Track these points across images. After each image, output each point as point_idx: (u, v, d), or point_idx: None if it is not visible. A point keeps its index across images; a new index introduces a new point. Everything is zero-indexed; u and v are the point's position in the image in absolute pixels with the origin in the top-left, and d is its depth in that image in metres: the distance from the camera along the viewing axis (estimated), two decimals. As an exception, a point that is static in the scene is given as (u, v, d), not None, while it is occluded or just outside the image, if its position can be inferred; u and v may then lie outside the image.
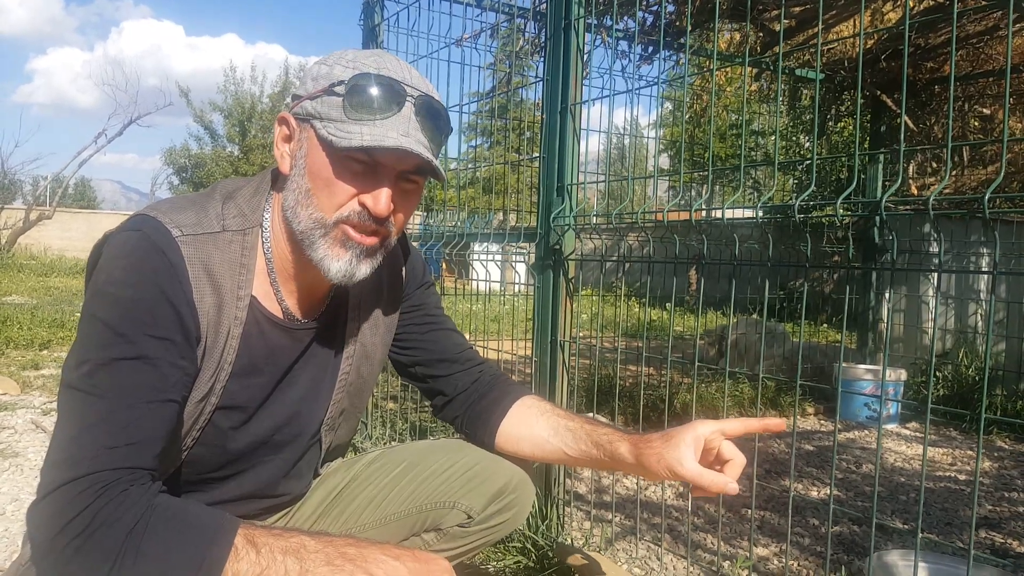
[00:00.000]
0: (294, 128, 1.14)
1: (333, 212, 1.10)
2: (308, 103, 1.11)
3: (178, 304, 1.04)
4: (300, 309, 1.24)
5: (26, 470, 3.02)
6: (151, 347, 1.00)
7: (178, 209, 1.11)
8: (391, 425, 3.40)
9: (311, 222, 1.11)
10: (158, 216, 1.08)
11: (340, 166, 1.08)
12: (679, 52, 4.17)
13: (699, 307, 2.11)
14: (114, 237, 1.07)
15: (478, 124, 5.89)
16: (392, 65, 1.12)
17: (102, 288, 1.02)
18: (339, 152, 1.07)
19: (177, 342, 1.03)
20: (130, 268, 1.02)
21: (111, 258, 1.04)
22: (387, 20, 3.17)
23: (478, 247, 2.86)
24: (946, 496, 3.19)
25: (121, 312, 1.00)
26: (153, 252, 1.04)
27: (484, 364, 1.49)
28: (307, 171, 1.11)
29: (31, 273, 13.67)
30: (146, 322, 1.01)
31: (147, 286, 1.02)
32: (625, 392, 4.64)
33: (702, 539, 2.57)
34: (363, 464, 1.46)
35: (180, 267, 1.05)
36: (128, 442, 0.95)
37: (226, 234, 1.13)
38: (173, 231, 1.07)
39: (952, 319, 5.35)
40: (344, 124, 1.07)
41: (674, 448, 1.19)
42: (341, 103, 1.07)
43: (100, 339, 0.99)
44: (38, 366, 5.10)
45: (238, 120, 26.49)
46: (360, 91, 1.07)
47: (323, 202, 1.10)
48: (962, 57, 4.66)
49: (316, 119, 1.09)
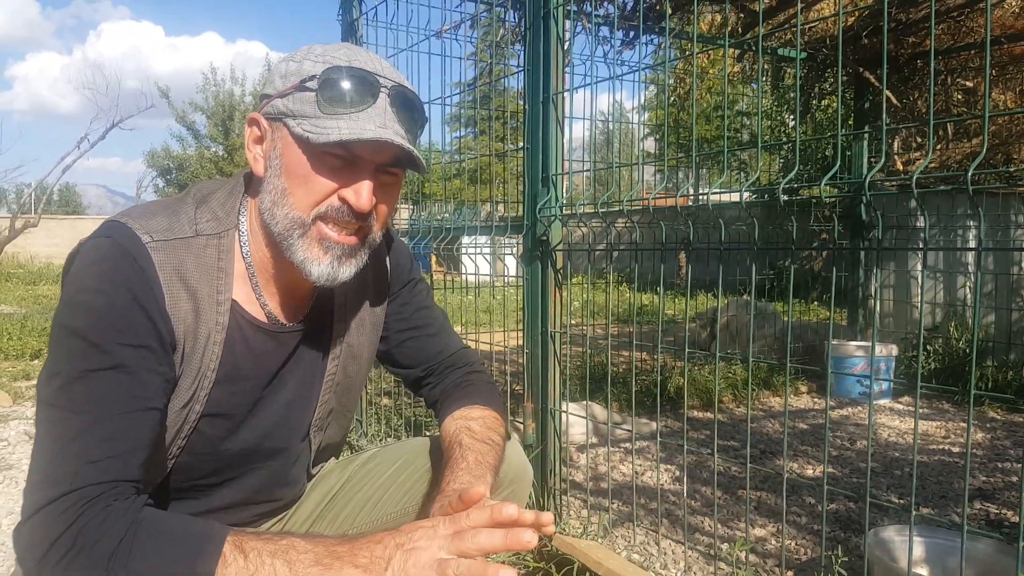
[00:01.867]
0: (265, 128, 1.12)
1: (311, 210, 1.08)
2: (279, 101, 1.08)
3: (151, 311, 1.02)
4: (284, 312, 1.22)
5: (21, 482, 3.01)
6: (127, 355, 0.99)
7: (149, 215, 1.09)
8: (386, 421, 3.39)
9: (288, 222, 1.08)
10: (128, 222, 1.06)
11: (317, 162, 1.06)
12: (660, 36, 4.16)
13: (688, 291, 2.11)
14: (84, 245, 1.05)
15: (462, 115, 5.86)
16: (363, 57, 1.10)
17: (73, 297, 1.00)
18: (316, 148, 1.05)
19: (153, 348, 1.02)
20: (101, 275, 1.01)
21: (81, 266, 1.03)
22: (365, 14, 3.14)
23: (467, 240, 2.85)
24: (940, 469, 3.22)
25: (93, 321, 0.98)
26: (123, 259, 1.02)
27: (459, 370, 1.46)
28: (283, 170, 1.08)
29: (19, 282, 13.58)
30: (120, 330, 0.99)
31: (119, 293, 1.00)
32: (618, 378, 4.65)
33: (699, 522, 2.58)
34: (358, 464, 1.45)
35: (151, 273, 1.04)
36: (109, 455, 0.94)
37: (200, 239, 1.11)
38: (143, 237, 1.05)
39: (941, 292, 5.38)
40: (319, 120, 1.05)
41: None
42: (314, 98, 1.05)
43: (73, 350, 0.97)
44: (29, 376, 5.07)
45: (220, 120, 26.31)
46: (333, 85, 1.05)
47: (300, 200, 1.07)
48: (943, 30, 4.65)
49: (289, 117, 1.07)
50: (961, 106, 5.51)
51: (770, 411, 4.33)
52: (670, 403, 4.23)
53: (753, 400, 4.32)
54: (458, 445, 1.25)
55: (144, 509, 0.95)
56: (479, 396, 1.40)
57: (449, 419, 1.35)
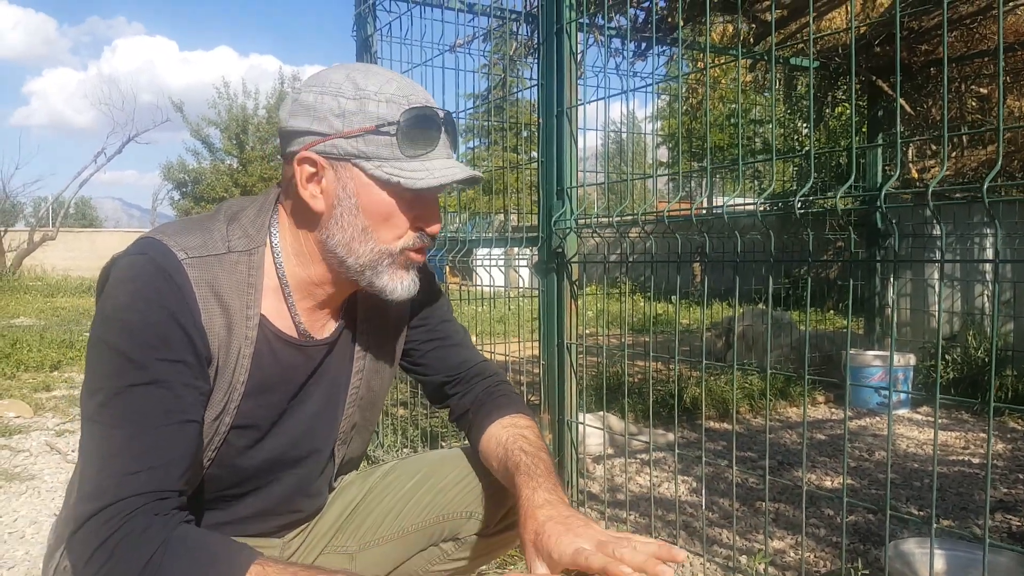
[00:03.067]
0: (323, 166, 1.12)
1: (396, 241, 1.16)
2: (343, 142, 1.10)
3: (187, 326, 1.05)
4: (313, 326, 1.24)
5: (43, 492, 3.04)
6: (163, 370, 1.01)
7: (183, 232, 1.12)
8: (402, 432, 3.40)
9: (376, 255, 1.15)
10: (163, 239, 1.09)
11: (401, 201, 1.13)
12: (672, 47, 4.17)
13: (704, 301, 2.12)
14: (120, 261, 1.08)
15: (475, 126, 5.91)
16: (418, 93, 1.15)
17: (110, 314, 1.03)
18: (409, 192, 1.12)
19: (189, 363, 1.05)
20: (137, 292, 1.03)
21: (117, 282, 1.05)
22: (380, 30, 3.17)
23: (482, 252, 2.86)
24: (960, 480, 3.19)
25: (130, 337, 1.01)
26: (159, 275, 1.05)
27: (488, 379, 1.47)
28: (360, 209, 1.13)
29: (37, 294, 13.72)
30: (156, 346, 1.02)
31: (155, 309, 1.03)
32: (634, 388, 4.64)
33: (718, 534, 2.57)
34: (378, 476, 1.46)
35: (187, 289, 1.06)
36: (150, 466, 0.98)
37: (232, 255, 1.13)
38: (179, 254, 1.07)
39: (958, 301, 5.34)
40: (401, 162, 1.10)
41: (535, 554, 1.09)
42: (393, 142, 1.10)
43: (111, 367, 1.01)
44: (49, 387, 5.12)
45: (234, 133, 26.52)
46: (411, 128, 1.11)
47: (385, 235, 1.15)
48: (956, 38, 4.64)
49: (362, 159, 1.10)
50: (975, 113, 5.48)
51: (787, 421, 4.31)
52: (686, 413, 4.22)
53: (770, 410, 4.30)
54: (522, 452, 1.27)
55: (180, 526, 0.98)
56: (519, 407, 1.42)
57: (496, 425, 1.36)
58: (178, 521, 0.98)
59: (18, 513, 2.80)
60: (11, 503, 2.90)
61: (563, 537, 1.06)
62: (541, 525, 1.09)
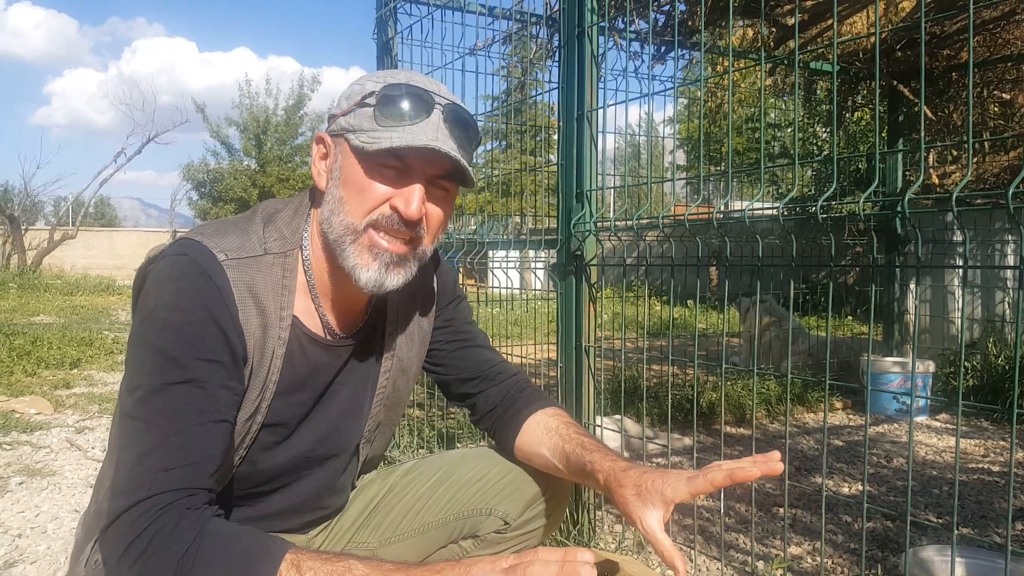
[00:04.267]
0: (330, 145, 1.17)
1: (363, 217, 1.12)
2: (342, 119, 1.15)
3: (225, 326, 1.07)
4: (340, 325, 1.26)
5: (64, 488, 3.07)
6: (201, 370, 1.03)
7: (222, 233, 1.14)
8: (418, 433, 3.42)
9: (342, 228, 1.13)
10: (203, 240, 1.11)
11: (372, 171, 1.11)
12: (692, 50, 4.17)
13: (724, 306, 2.12)
14: (160, 262, 1.10)
15: (492, 127, 5.92)
16: (421, 79, 1.16)
17: (152, 312, 1.05)
18: (370, 157, 1.10)
19: (225, 363, 1.07)
20: (178, 292, 1.05)
21: (158, 282, 1.07)
22: (400, 34, 3.19)
23: (499, 255, 2.87)
24: (979, 489, 3.16)
25: (170, 336, 1.03)
26: (200, 276, 1.07)
27: (513, 377, 1.49)
28: (341, 181, 1.14)
29: (57, 292, 13.86)
30: (195, 345, 1.04)
31: (195, 309, 1.05)
32: (651, 392, 4.63)
33: (735, 539, 2.56)
34: (399, 474, 1.48)
35: (226, 290, 1.08)
36: (184, 463, 0.99)
37: (268, 257, 1.15)
38: (219, 255, 1.10)
39: (979, 308, 5.29)
40: (375, 131, 1.10)
41: (641, 505, 1.15)
42: (372, 112, 1.10)
43: (151, 364, 1.03)
44: (69, 385, 5.18)
45: (254, 134, 26.69)
46: (389, 99, 1.10)
47: (354, 207, 1.12)
48: (979, 43, 4.60)
49: (349, 132, 1.13)
50: (998, 119, 5.44)
51: (804, 427, 4.29)
52: (702, 418, 4.20)
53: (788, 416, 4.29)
54: (581, 435, 1.33)
55: (212, 520, 0.99)
56: (552, 401, 1.47)
57: (541, 414, 1.40)
58: (210, 515, 0.99)
59: (40, 509, 2.84)
60: (33, 499, 2.94)
61: (667, 478, 1.14)
62: (639, 477, 1.16)
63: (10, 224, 18.59)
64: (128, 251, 22.77)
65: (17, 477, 3.18)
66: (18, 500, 2.92)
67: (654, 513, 1.14)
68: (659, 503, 1.14)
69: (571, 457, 1.30)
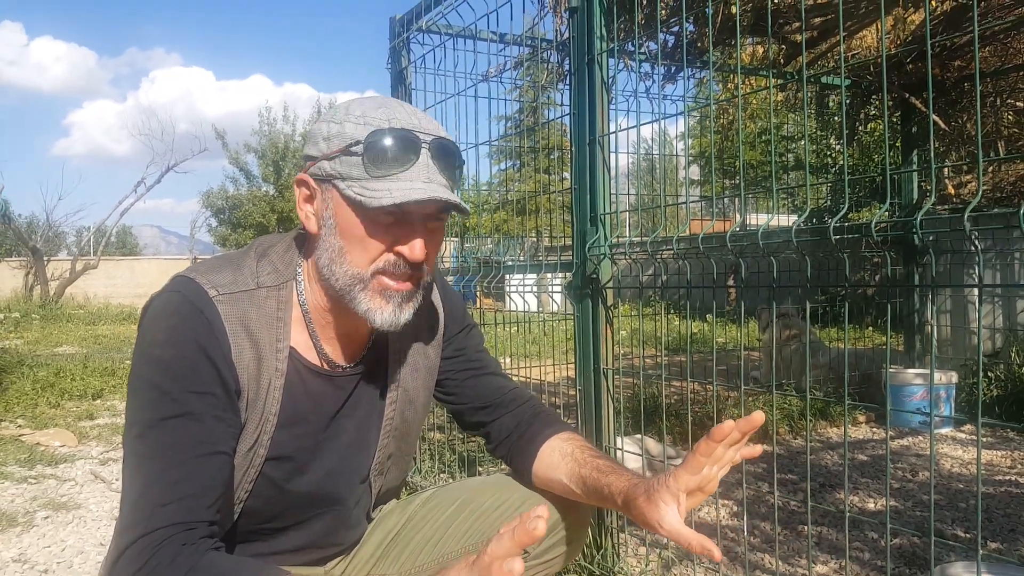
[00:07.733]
0: (314, 188, 1.18)
1: (368, 265, 1.14)
2: (326, 164, 1.14)
3: (216, 360, 1.10)
4: (340, 356, 1.27)
5: (89, 522, 3.10)
6: (194, 402, 1.06)
7: (215, 270, 1.18)
8: (439, 457, 3.43)
9: (348, 278, 1.15)
10: (196, 277, 1.15)
11: (371, 223, 1.12)
12: (702, 69, 4.19)
13: (740, 319, 2.12)
14: (155, 300, 1.14)
15: (506, 147, 5.96)
16: (401, 114, 1.15)
17: (146, 350, 1.09)
18: (370, 211, 1.11)
19: (218, 395, 1.09)
20: (170, 329, 1.10)
21: (152, 320, 1.12)
22: (414, 63, 3.24)
23: (516, 279, 2.89)
24: (1007, 501, 3.12)
25: (163, 371, 1.07)
26: (191, 312, 1.11)
27: (527, 403, 1.49)
28: (338, 230, 1.14)
29: (79, 322, 14.02)
30: (187, 378, 1.07)
31: (186, 344, 1.08)
32: (671, 410, 4.61)
33: (760, 559, 2.55)
34: (417, 504, 1.48)
35: (217, 324, 1.11)
36: (180, 497, 1.02)
37: (261, 290, 1.18)
38: (210, 291, 1.13)
39: (999, 317, 5.24)
40: (368, 182, 1.10)
41: (654, 509, 1.17)
42: (361, 162, 1.11)
43: (146, 400, 1.07)
44: (93, 416, 5.23)
45: (272, 160, 26.97)
46: (377, 148, 1.10)
47: (357, 258, 1.14)
48: (990, 52, 4.60)
49: (338, 179, 1.13)
50: (1012, 127, 5.41)
51: (827, 442, 4.25)
52: (723, 435, 4.17)
53: (810, 432, 4.26)
54: (597, 458, 1.34)
55: (208, 554, 1.01)
56: (568, 426, 1.47)
57: (556, 439, 1.40)
58: (206, 549, 1.01)
59: (65, 543, 2.86)
60: (59, 533, 2.97)
61: (669, 473, 1.18)
62: (647, 484, 1.19)
63: (33, 256, 18.86)
64: (149, 279, 23.02)
65: (43, 511, 3.21)
66: (44, 535, 2.94)
67: (668, 510, 1.15)
68: (668, 498, 1.16)
69: (587, 481, 1.31)
